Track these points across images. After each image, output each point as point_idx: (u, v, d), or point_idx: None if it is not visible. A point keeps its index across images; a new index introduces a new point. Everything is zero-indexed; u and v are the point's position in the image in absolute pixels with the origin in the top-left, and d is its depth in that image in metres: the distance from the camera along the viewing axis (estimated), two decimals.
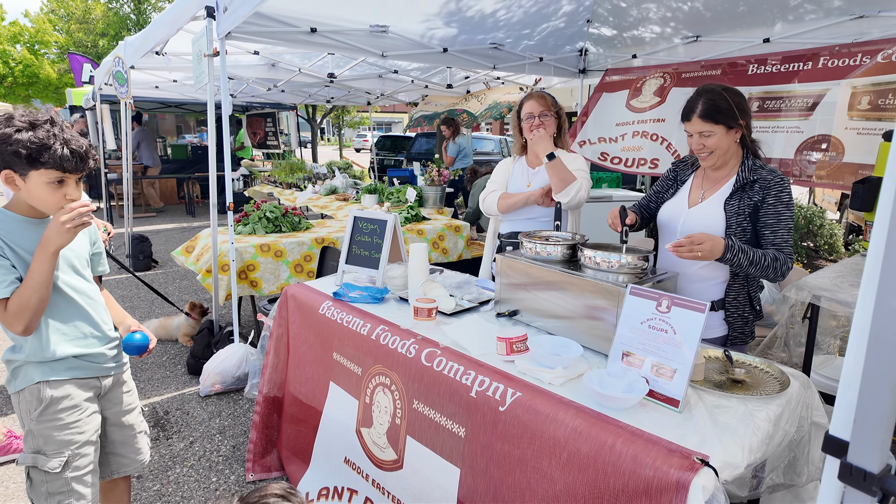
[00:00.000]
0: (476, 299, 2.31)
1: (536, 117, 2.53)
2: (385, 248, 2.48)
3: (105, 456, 1.86)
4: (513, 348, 1.72)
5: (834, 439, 0.74)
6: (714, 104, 1.93)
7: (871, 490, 0.69)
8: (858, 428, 0.70)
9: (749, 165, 1.98)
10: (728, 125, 1.94)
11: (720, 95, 1.95)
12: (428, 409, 1.70)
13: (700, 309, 1.46)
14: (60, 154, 1.50)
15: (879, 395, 0.68)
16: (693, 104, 1.98)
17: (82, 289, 1.73)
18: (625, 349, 1.58)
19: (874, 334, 0.68)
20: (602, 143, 4.58)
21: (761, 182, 1.94)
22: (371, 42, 3.84)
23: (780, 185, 1.92)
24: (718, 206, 2.00)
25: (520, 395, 1.50)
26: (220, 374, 3.22)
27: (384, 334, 1.95)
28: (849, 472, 0.71)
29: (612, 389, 1.46)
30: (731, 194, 1.98)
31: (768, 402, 1.47)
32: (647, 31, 4.19)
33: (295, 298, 2.44)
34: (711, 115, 1.93)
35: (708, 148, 1.97)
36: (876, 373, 0.68)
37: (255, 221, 3.97)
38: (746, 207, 1.94)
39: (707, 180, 2.09)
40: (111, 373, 1.81)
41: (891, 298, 0.65)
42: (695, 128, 1.98)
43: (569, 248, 1.98)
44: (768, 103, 3.69)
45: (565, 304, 1.86)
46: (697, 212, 2.05)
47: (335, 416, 2.09)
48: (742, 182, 1.96)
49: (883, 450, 0.69)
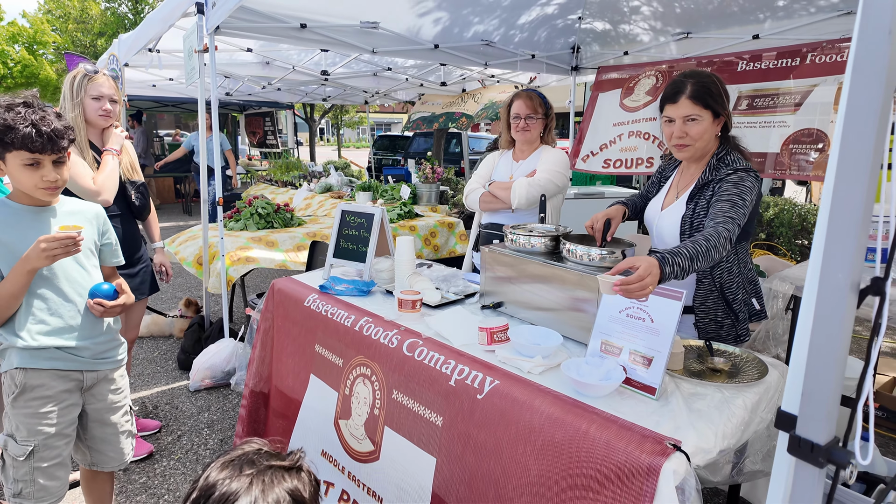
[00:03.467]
0: (462, 292, 2.32)
1: (523, 119, 2.59)
2: (372, 241, 2.48)
3: (85, 448, 1.86)
4: (494, 338, 1.73)
5: (784, 414, 0.75)
6: (705, 86, 1.77)
7: (818, 461, 0.70)
8: (806, 401, 0.71)
9: (713, 164, 1.84)
10: (716, 112, 1.79)
11: (710, 79, 1.80)
12: (407, 398, 1.71)
13: (677, 297, 1.46)
14: (24, 134, 1.50)
15: (825, 369, 0.69)
16: (680, 85, 1.79)
17: (77, 279, 1.72)
18: (603, 338, 1.58)
19: (819, 308, 0.69)
20: (603, 150, 4.59)
21: (713, 184, 1.81)
22: (361, 38, 3.85)
23: (728, 177, 1.77)
24: (682, 206, 1.89)
25: (498, 384, 1.51)
26: (209, 369, 3.22)
27: (367, 325, 1.96)
28: (797, 444, 0.72)
29: (590, 377, 1.47)
30: (689, 196, 1.87)
31: (745, 390, 1.48)
32: (638, 27, 4.20)
33: (282, 292, 2.44)
34: (702, 96, 1.76)
35: (690, 137, 1.80)
36: (821, 346, 0.68)
37: (247, 217, 3.98)
38: (701, 210, 1.83)
39: (683, 177, 1.98)
40: (97, 368, 1.78)
41: (835, 272, 0.66)
42: (680, 111, 1.78)
43: (552, 240, 1.99)
44: (758, 101, 3.70)
45: (548, 296, 1.86)
46: (666, 215, 1.96)
47: (314, 408, 2.09)
48: (701, 182, 1.85)
49: (830, 422, 0.70)
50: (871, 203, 0.64)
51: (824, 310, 0.68)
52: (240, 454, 0.94)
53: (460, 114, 7.45)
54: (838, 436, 0.73)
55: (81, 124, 2.41)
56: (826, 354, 0.68)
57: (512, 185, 2.59)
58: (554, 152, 2.67)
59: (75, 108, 2.39)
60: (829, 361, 0.68)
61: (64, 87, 2.42)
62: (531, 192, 2.54)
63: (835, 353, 0.67)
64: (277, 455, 0.97)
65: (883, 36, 0.60)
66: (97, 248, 1.84)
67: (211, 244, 3.45)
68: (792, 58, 3.54)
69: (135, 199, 2.59)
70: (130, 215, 2.61)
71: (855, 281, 0.66)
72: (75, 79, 2.40)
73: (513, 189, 2.58)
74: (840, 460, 0.69)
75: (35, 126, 1.51)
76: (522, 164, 2.71)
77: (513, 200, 2.57)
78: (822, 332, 0.68)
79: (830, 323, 0.67)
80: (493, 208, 2.72)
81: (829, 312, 0.67)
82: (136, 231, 2.68)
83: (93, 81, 2.42)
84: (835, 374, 0.68)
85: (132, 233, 2.62)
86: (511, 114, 2.67)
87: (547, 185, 2.54)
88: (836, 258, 0.66)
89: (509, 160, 2.79)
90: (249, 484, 0.88)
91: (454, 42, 4.21)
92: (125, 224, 2.57)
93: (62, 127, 1.58)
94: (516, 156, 2.78)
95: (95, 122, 2.46)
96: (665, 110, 1.85)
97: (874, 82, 0.61)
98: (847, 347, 0.68)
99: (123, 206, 2.56)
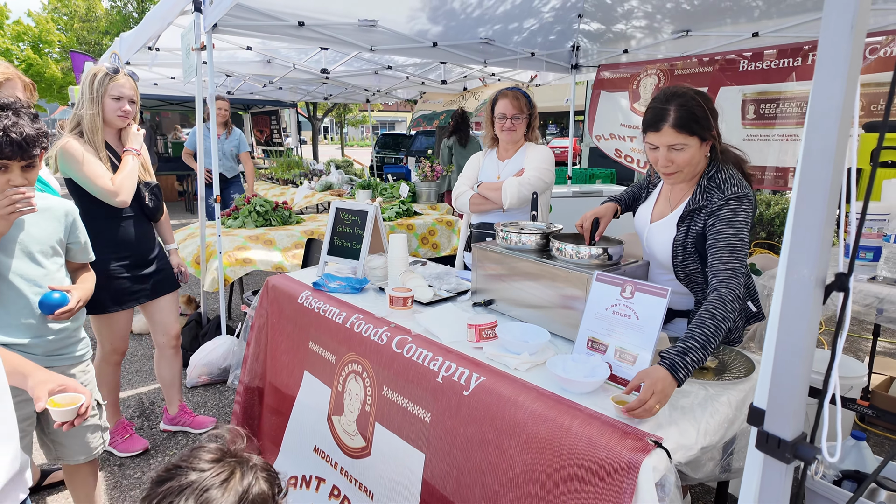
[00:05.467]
0: (454, 289, 2.32)
1: (509, 119, 2.59)
2: (365, 239, 2.49)
3: (49, 442, 1.85)
4: (482, 335, 1.73)
5: (755, 409, 0.75)
6: (689, 111, 1.62)
7: (785, 457, 0.70)
8: (773, 396, 0.71)
9: (703, 185, 1.72)
10: (703, 137, 1.66)
11: (694, 101, 1.64)
12: (397, 395, 1.72)
13: (662, 294, 1.46)
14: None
15: (791, 364, 0.69)
16: (661, 112, 1.65)
17: (34, 277, 1.71)
18: (590, 335, 1.59)
19: (785, 304, 0.69)
20: (614, 139, 4.60)
21: (706, 209, 1.69)
22: (360, 36, 3.86)
23: (722, 207, 1.65)
24: (672, 230, 1.80)
25: (484, 380, 1.52)
26: (206, 366, 3.24)
27: (359, 322, 1.96)
28: (765, 440, 0.72)
29: (575, 374, 1.47)
30: (680, 218, 1.77)
31: (730, 388, 1.48)
32: (638, 25, 4.19)
33: (276, 289, 2.46)
34: (687, 124, 1.62)
35: (676, 165, 1.68)
36: (787, 342, 0.69)
37: (245, 216, 3.99)
38: (692, 236, 1.73)
39: (673, 191, 1.87)
40: (52, 365, 1.73)
41: (799, 268, 0.66)
42: (664, 140, 1.65)
43: (542, 237, 1.99)
44: (763, 107, 3.68)
45: (538, 293, 1.87)
46: (655, 229, 1.87)
47: (307, 404, 2.10)
48: (691, 206, 1.74)
49: (797, 417, 0.70)
50: (836, 199, 0.64)
51: (789, 305, 0.68)
52: (180, 483, 0.90)
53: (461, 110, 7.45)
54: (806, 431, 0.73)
55: (99, 123, 2.38)
56: (791, 350, 0.68)
57: (502, 185, 2.59)
58: (539, 150, 2.67)
59: (94, 107, 2.36)
60: (794, 357, 0.68)
61: (83, 84, 2.38)
62: (522, 191, 2.54)
63: (800, 349, 0.67)
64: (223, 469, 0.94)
65: (846, 32, 0.60)
66: (63, 245, 1.83)
67: (209, 243, 3.47)
68: (793, 57, 3.52)
69: (148, 200, 2.59)
70: (143, 216, 2.61)
71: (820, 277, 0.66)
72: (96, 77, 2.37)
73: (503, 190, 2.58)
74: (806, 456, 0.69)
75: (5, 132, 1.48)
76: (509, 164, 2.71)
77: (504, 201, 2.57)
78: (787, 327, 0.68)
79: (795, 318, 0.67)
80: (483, 209, 2.72)
81: (794, 307, 0.67)
82: (150, 232, 2.68)
83: (114, 81, 2.39)
84: (800, 370, 0.68)
85: (145, 233, 2.62)
86: (496, 113, 2.66)
87: (537, 183, 2.54)
88: (800, 254, 0.66)
89: (494, 160, 2.78)
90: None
91: (453, 40, 4.21)
92: (138, 225, 2.57)
93: (34, 133, 1.54)
94: (501, 155, 2.78)
95: (113, 122, 2.44)
96: (647, 137, 1.72)
97: (837, 78, 0.61)
98: (813, 343, 0.68)
99: (137, 207, 2.56)
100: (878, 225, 1.86)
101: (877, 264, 1.83)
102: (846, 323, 0.67)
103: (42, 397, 1.28)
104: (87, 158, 2.35)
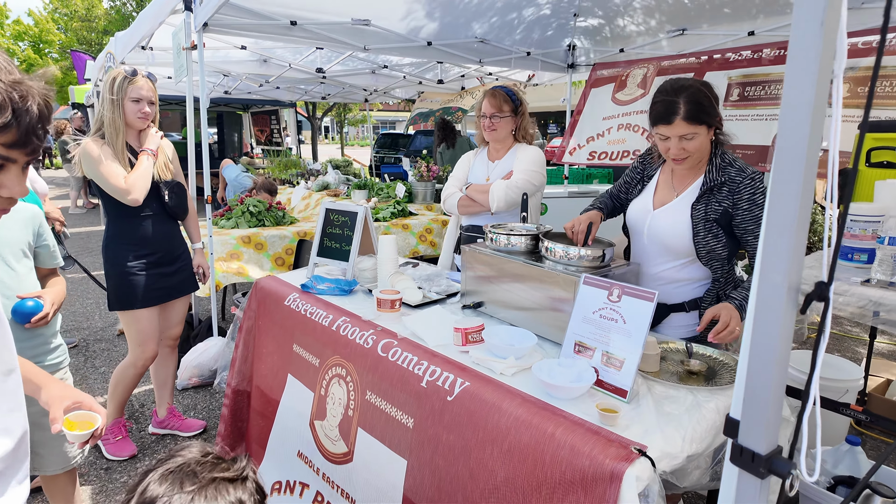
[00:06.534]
0: (444, 291, 2.29)
1: (488, 118, 2.57)
2: (355, 240, 2.46)
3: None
4: (468, 339, 1.71)
5: (730, 420, 0.73)
6: (698, 102, 1.71)
7: (759, 472, 0.67)
8: (747, 407, 0.68)
9: (717, 164, 1.81)
10: (710, 124, 1.75)
11: (700, 92, 1.73)
12: (380, 400, 1.69)
13: (649, 298, 1.44)
14: None
15: (765, 375, 0.66)
16: (672, 105, 1.73)
17: (5, 280, 1.68)
18: (577, 339, 1.56)
19: (759, 311, 0.66)
20: (590, 142, 4.56)
21: (730, 185, 1.78)
22: (353, 36, 3.83)
23: (751, 185, 1.75)
24: (685, 211, 1.84)
25: (468, 385, 1.49)
26: (197, 368, 3.21)
27: (345, 325, 1.94)
28: (739, 453, 0.69)
29: (560, 379, 1.44)
30: (698, 197, 1.83)
31: (718, 393, 1.45)
32: (634, 24, 4.16)
33: (264, 290, 2.43)
34: (697, 115, 1.71)
35: (688, 152, 1.77)
36: (760, 351, 0.66)
37: (239, 216, 3.97)
38: (714, 213, 1.79)
39: (676, 177, 1.93)
40: None
41: (772, 274, 0.63)
42: (677, 131, 1.73)
43: (532, 239, 1.96)
44: (749, 90, 3.65)
45: (527, 296, 1.84)
46: (663, 214, 1.90)
47: (291, 408, 2.07)
48: (710, 184, 1.81)
49: (771, 430, 0.67)
50: (809, 202, 0.61)
51: (762, 313, 0.65)
52: (181, 463, 0.91)
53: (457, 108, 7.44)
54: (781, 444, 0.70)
55: (120, 126, 2.44)
56: (764, 359, 0.65)
57: (490, 188, 2.56)
58: (529, 150, 2.63)
59: (115, 110, 2.42)
60: (767, 367, 0.65)
61: (103, 88, 2.44)
62: (509, 194, 2.51)
63: (773, 358, 0.65)
64: (221, 463, 0.94)
65: (815, 28, 0.57)
66: (32, 249, 1.81)
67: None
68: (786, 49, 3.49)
69: (168, 198, 2.60)
70: (166, 215, 2.62)
71: (793, 283, 0.63)
72: (115, 80, 2.42)
73: (491, 192, 2.54)
74: (781, 471, 0.66)
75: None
76: (498, 165, 2.67)
77: (491, 204, 2.53)
78: (760, 336, 0.65)
79: (768, 326, 0.64)
80: (471, 212, 2.68)
81: (766, 316, 0.64)
82: (173, 231, 2.69)
83: (133, 84, 2.43)
84: (774, 380, 0.65)
85: (167, 232, 2.64)
86: (481, 112, 2.64)
87: (525, 185, 2.51)
88: (772, 260, 0.63)
89: (484, 160, 2.75)
90: (191, 501, 0.86)
91: (448, 39, 4.19)
92: (159, 224, 2.59)
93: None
94: (491, 155, 2.74)
95: (134, 123, 2.49)
96: (658, 129, 1.80)
97: (807, 75, 0.58)
98: (787, 352, 0.66)
99: (157, 205, 2.58)
100: (871, 226, 1.83)
101: (871, 266, 1.80)
102: (826, 333, 0.64)
103: (58, 418, 1.18)
104: (103, 158, 2.41)
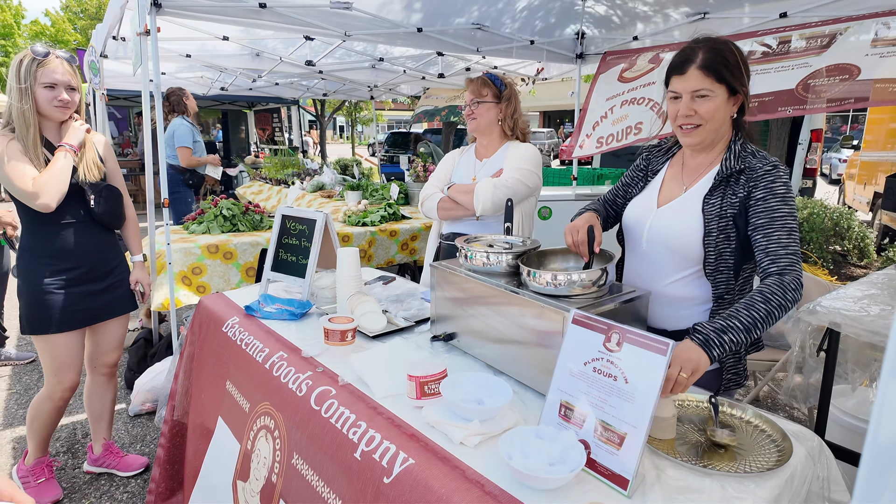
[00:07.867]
0: (414, 316, 1.91)
1: (468, 105, 2.24)
2: (313, 252, 2.09)
3: None
4: (424, 390, 1.31)
5: None
6: (720, 54, 1.43)
7: None
8: None
9: (736, 151, 1.49)
10: (732, 88, 1.44)
11: (727, 46, 1.45)
12: (307, 468, 1.30)
13: (662, 350, 1.03)
14: None
15: None
16: (690, 53, 1.45)
17: None
18: (563, 398, 1.16)
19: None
20: (596, 127, 4.15)
21: (748, 172, 1.46)
22: (332, 20, 3.45)
23: (770, 173, 1.43)
24: (695, 205, 1.51)
25: (412, 464, 1.10)
26: (150, 391, 2.86)
27: (279, 363, 1.56)
28: None
29: (537, 459, 1.05)
30: (711, 188, 1.50)
31: (760, 483, 1.04)
32: (649, 8, 3.72)
33: (206, 311, 2.06)
34: (715, 67, 1.42)
35: (699, 116, 1.45)
36: None
37: (210, 220, 3.61)
38: (730, 207, 1.46)
39: (685, 170, 1.60)
40: None
41: None
42: (688, 84, 1.44)
43: (515, 257, 1.56)
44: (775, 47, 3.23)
45: (506, 329, 1.44)
46: (668, 212, 1.57)
47: (217, 460, 1.70)
48: (726, 172, 1.48)
49: None
50: None
51: None
52: None
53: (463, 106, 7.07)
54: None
55: (32, 119, 2.02)
56: None
57: (474, 187, 2.16)
58: (522, 147, 2.25)
59: (24, 99, 2.01)
60: None
61: (9, 74, 2.02)
62: (497, 195, 2.12)
63: None
64: None
65: None
66: None
67: (160, 253, 3.08)
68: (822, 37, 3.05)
69: (94, 204, 2.18)
70: (93, 223, 2.21)
71: None
72: (22, 64, 2.01)
73: (475, 192, 2.15)
74: None
75: None
76: (487, 163, 2.28)
77: (476, 206, 2.14)
78: None
79: None
80: (453, 216, 2.29)
81: None
82: (103, 242, 2.27)
83: (43, 67, 2.02)
84: None
85: (95, 243, 2.23)
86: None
87: (515, 185, 2.11)
88: None
89: (471, 159, 2.36)
90: None
91: (440, 25, 3.79)
92: (84, 233, 2.18)
93: None
94: (479, 153, 2.37)
95: (50, 114, 2.07)
96: (671, 84, 1.50)
97: None
98: None
99: (83, 212, 2.17)
100: None
101: None
102: None
103: None
104: (9, 156, 2.00)
